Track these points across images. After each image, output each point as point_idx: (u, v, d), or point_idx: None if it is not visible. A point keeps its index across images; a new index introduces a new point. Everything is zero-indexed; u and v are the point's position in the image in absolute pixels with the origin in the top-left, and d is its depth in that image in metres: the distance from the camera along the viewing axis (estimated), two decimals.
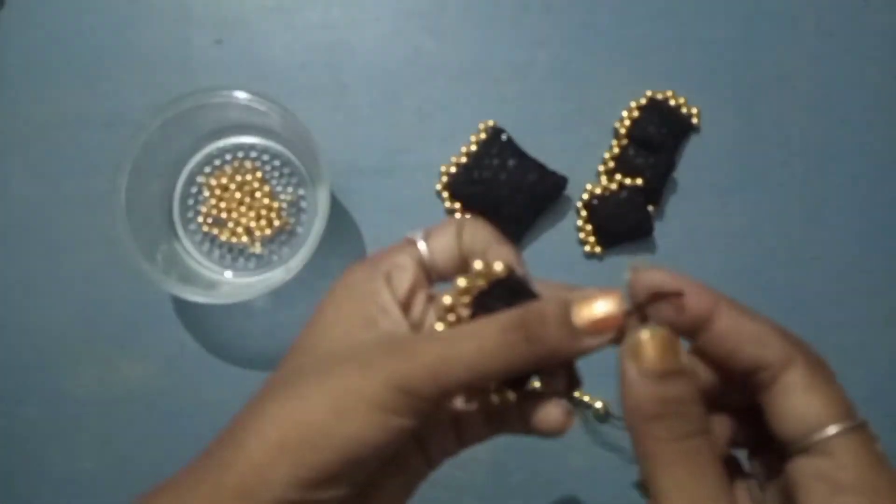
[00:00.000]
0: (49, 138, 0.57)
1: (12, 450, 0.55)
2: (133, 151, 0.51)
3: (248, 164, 0.56)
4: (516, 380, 0.28)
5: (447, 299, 0.29)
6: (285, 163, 0.56)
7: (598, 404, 0.54)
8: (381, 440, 0.26)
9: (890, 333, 0.56)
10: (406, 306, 0.30)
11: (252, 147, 0.56)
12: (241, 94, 0.51)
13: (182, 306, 0.55)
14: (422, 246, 0.31)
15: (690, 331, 0.27)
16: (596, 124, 0.56)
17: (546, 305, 0.26)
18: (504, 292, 0.28)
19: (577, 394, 0.54)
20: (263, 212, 0.55)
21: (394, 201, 0.56)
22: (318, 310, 0.30)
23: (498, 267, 0.29)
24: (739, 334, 0.27)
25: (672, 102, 0.56)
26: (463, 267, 0.31)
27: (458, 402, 0.30)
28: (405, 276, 0.30)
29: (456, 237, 0.31)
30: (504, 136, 0.55)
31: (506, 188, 0.54)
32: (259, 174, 0.56)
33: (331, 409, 0.26)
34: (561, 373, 0.30)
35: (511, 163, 0.54)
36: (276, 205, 0.55)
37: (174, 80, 0.57)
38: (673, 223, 0.56)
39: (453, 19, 0.57)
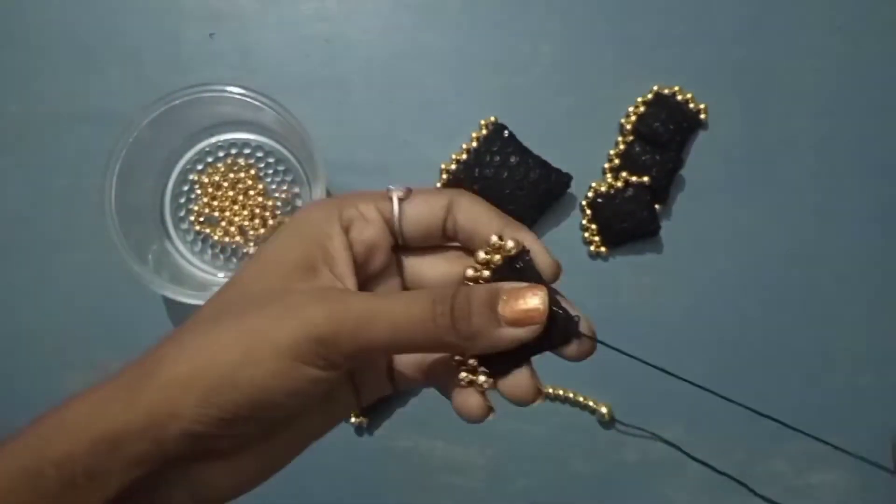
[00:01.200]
0: (39, 135, 0.56)
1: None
2: (122, 149, 0.49)
3: (241, 162, 0.55)
4: (493, 363, 0.28)
5: (470, 271, 0.28)
6: (280, 160, 0.55)
7: (604, 409, 0.53)
8: (290, 388, 0.25)
9: None
10: (363, 260, 0.29)
11: (246, 143, 0.55)
12: (234, 90, 0.49)
13: (174, 307, 0.55)
14: (396, 206, 0.29)
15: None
16: (601, 120, 0.55)
17: (477, 288, 0.26)
18: (515, 271, 0.28)
19: (581, 398, 0.53)
20: (257, 210, 0.54)
21: None
22: (263, 245, 0.29)
23: (510, 244, 0.27)
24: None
25: (679, 98, 0.55)
26: (438, 241, 0.30)
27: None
28: (367, 230, 0.29)
29: (442, 210, 0.29)
30: (506, 132, 0.53)
31: (508, 186, 0.52)
32: (253, 171, 0.54)
33: (241, 352, 0.25)
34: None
35: (513, 160, 0.53)
36: (270, 203, 0.54)
37: (166, 75, 0.56)
38: (680, 222, 0.55)
39: (454, 11, 0.56)
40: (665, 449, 0.54)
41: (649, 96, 0.55)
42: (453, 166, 0.54)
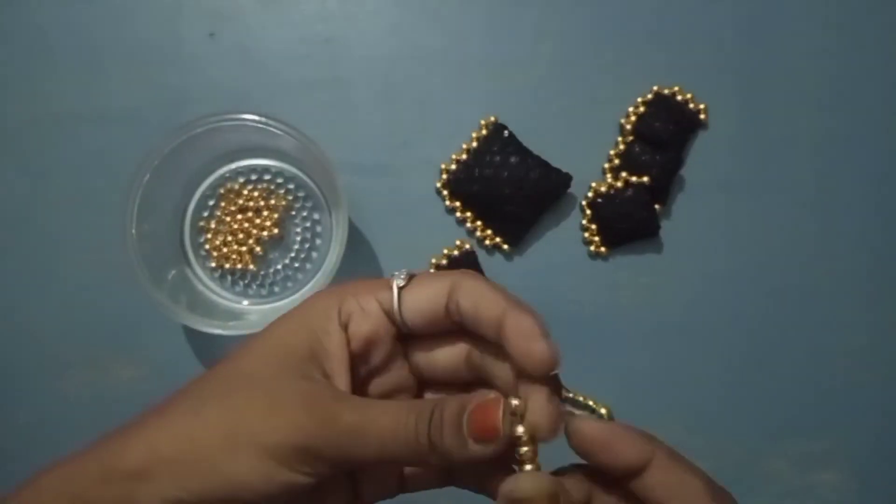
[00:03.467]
0: (41, 135, 0.56)
1: (3, 453, 0.54)
2: (142, 178, 0.48)
3: (261, 187, 0.54)
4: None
5: (515, 401, 0.26)
6: (300, 185, 0.54)
7: (603, 410, 0.53)
8: (267, 491, 0.25)
9: None
10: (362, 355, 0.29)
11: (266, 170, 0.54)
12: (254, 118, 0.48)
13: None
14: (395, 295, 0.29)
15: (620, 477, 0.26)
16: (601, 120, 0.55)
17: (448, 405, 0.26)
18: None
19: (581, 398, 0.53)
20: (277, 236, 0.54)
21: (393, 200, 0.55)
22: (270, 324, 0.29)
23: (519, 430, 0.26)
24: (669, 489, 0.26)
25: (679, 98, 0.55)
26: (443, 327, 0.29)
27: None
28: (366, 324, 0.28)
29: (444, 294, 0.28)
30: (506, 132, 0.53)
31: (508, 186, 0.52)
32: (273, 199, 0.54)
33: (224, 441, 0.25)
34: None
35: (513, 160, 0.53)
36: (290, 229, 0.54)
37: (168, 75, 0.56)
38: (680, 222, 0.55)
39: (454, 12, 0.56)
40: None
41: (649, 96, 0.55)
42: (453, 166, 0.54)
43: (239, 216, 0.54)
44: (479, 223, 0.54)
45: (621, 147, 0.54)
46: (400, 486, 0.30)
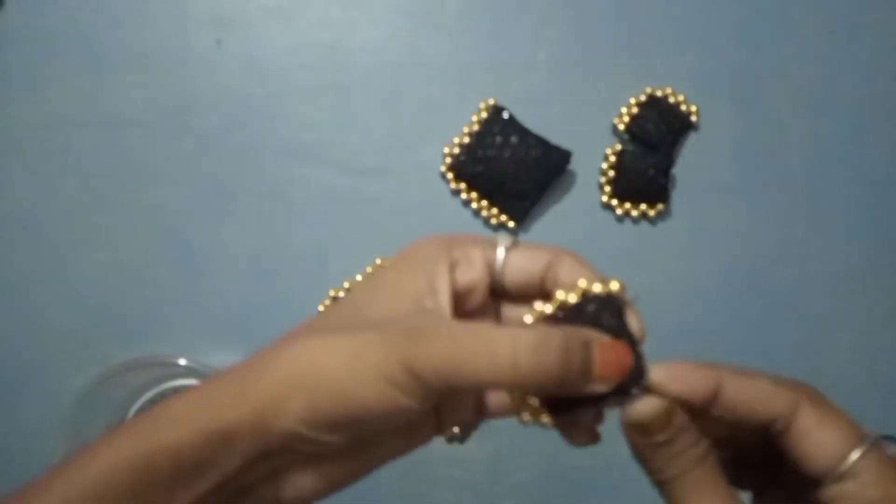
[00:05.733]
0: (48, 139, 0.57)
1: (12, 448, 0.55)
2: (70, 417, 0.51)
3: None
4: (555, 401, 0.28)
5: (538, 304, 0.28)
6: None
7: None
8: (386, 411, 0.26)
9: (890, 333, 0.56)
10: (460, 300, 0.30)
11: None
12: (183, 362, 0.51)
13: (178, 307, 0.56)
14: (500, 254, 0.30)
15: (701, 409, 0.28)
16: (596, 121, 0.57)
17: (574, 339, 0.26)
18: (596, 313, 0.28)
19: None
20: None
21: (394, 201, 0.56)
22: (377, 270, 0.31)
23: (614, 286, 0.28)
24: (746, 398, 0.29)
25: (672, 99, 0.56)
26: (535, 294, 0.30)
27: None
28: (470, 272, 0.30)
29: (543, 264, 0.30)
30: (505, 114, 0.55)
31: (510, 165, 0.54)
32: None
33: (348, 368, 0.26)
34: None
35: (514, 140, 0.54)
36: None
37: (174, 80, 0.57)
38: (672, 221, 0.56)
39: (453, 19, 0.57)
40: None
41: (642, 98, 0.56)
42: (456, 150, 0.55)
43: None
44: (484, 203, 0.55)
45: (617, 147, 0.56)
46: (478, 415, 0.32)
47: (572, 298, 0.28)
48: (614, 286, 0.28)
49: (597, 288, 0.28)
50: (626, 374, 0.26)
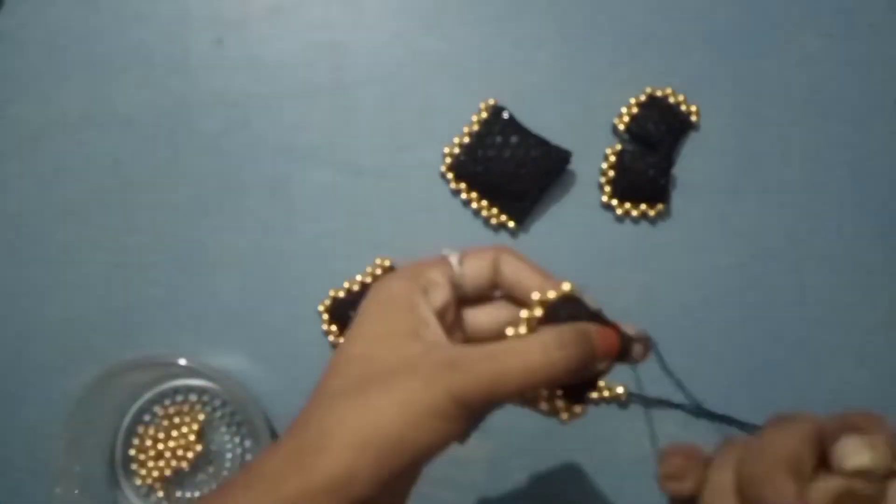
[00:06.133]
0: (49, 139, 0.57)
1: (11, 448, 0.55)
2: (70, 418, 0.51)
3: (196, 409, 0.55)
4: (571, 389, 0.33)
5: (524, 312, 0.32)
6: (237, 410, 0.55)
7: (620, 389, 0.54)
8: (441, 445, 0.30)
9: (892, 333, 0.56)
10: (441, 320, 0.33)
11: (204, 391, 0.55)
12: (182, 361, 0.51)
13: (178, 307, 0.56)
14: (456, 267, 0.35)
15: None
16: (595, 121, 0.57)
17: (581, 332, 0.31)
18: (569, 308, 0.32)
19: (601, 382, 0.54)
20: (211, 469, 0.54)
21: (395, 201, 0.56)
22: (359, 321, 0.33)
23: (566, 286, 0.33)
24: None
25: (672, 99, 0.56)
26: (488, 292, 0.35)
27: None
28: (440, 292, 0.34)
29: (490, 266, 0.35)
30: (505, 114, 0.55)
31: (510, 165, 0.54)
32: (202, 416, 0.54)
33: (403, 420, 0.29)
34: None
35: (514, 140, 0.54)
36: (220, 455, 0.54)
37: (175, 81, 0.57)
38: (672, 221, 0.56)
39: (453, 19, 0.58)
40: (660, 443, 0.54)
41: (642, 98, 0.56)
42: (456, 150, 0.55)
43: (171, 442, 0.54)
44: (484, 203, 0.55)
45: (618, 146, 0.56)
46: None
47: (538, 311, 0.32)
48: (567, 286, 0.33)
49: (566, 287, 0.33)
50: (617, 349, 0.32)
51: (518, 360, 0.30)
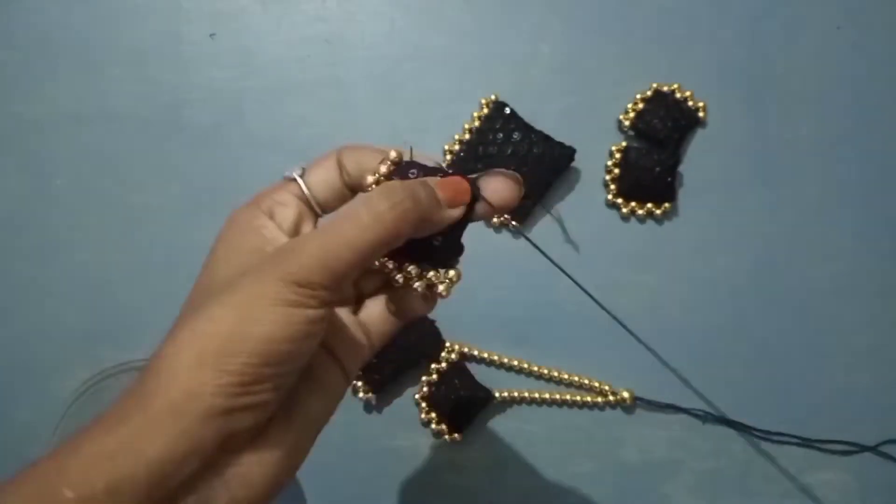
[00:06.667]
0: (42, 135, 0.56)
1: (4, 451, 0.54)
2: (60, 421, 0.50)
3: None
4: (413, 256, 0.32)
5: (370, 178, 0.32)
6: None
7: (626, 394, 0.53)
8: (291, 333, 0.27)
9: None
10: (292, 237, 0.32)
11: None
12: None
13: (171, 308, 0.54)
14: (300, 181, 0.33)
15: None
16: (600, 117, 0.56)
17: (412, 182, 0.31)
18: (407, 169, 0.32)
19: (596, 383, 0.53)
20: None
21: None
22: (210, 252, 0.32)
23: (392, 154, 0.32)
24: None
25: (678, 95, 0.55)
26: (346, 197, 0.33)
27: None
28: (288, 212, 0.32)
29: (335, 167, 0.33)
30: (508, 110, 0.54)
31: (512, 162, 0.53)
32: None
33: (237, 317, 0.27)
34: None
35: (516, 136, 0.53)
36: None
37: (168, 75, 0.56)
38: (679, 220, 0.55)
39: (453, 12, 0.56)
40: (665, 448, 0.54)
41: (648, 93, 0.55)
42: (456, 146, 0.54)
43: None
44: None
45: (622, 143, 0.55)
46: (369, 344, 0.34)
47: (384, 167, 0.32)
48: (393, 153, 0.32)
49: (392, 154, 0.32)
50: (468, 193, 0.32)
51: (346, 225, 0.28)
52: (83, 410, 0.50)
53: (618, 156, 0.54)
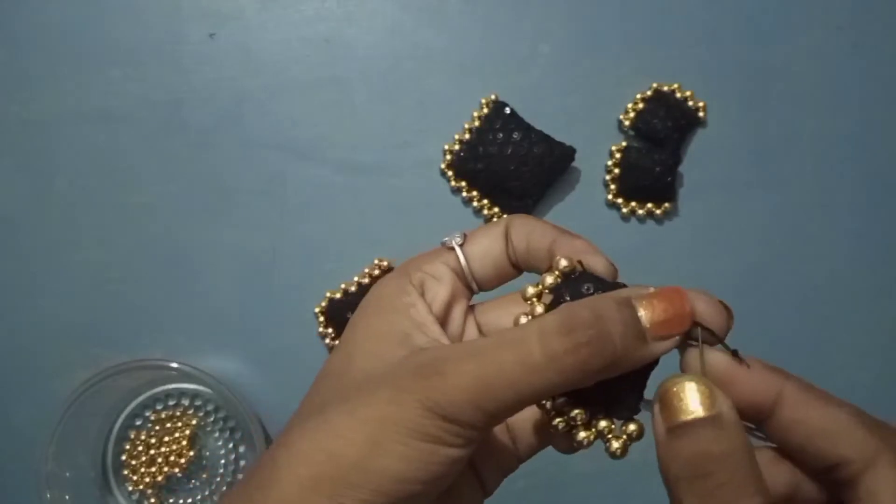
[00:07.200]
0: (40, 135, 0.56)
1: (1, 454, 0.54)
2: (59, 425, 0.50)
3: (189, 413, 0.54)
4: (610, 396, 0.24)
5: (531, 290, 0.24)
6: (231, 414, 0.53)
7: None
8: (426, 473, 0.23)
9: None
10: (443, 321, 0.27)
11: (197, 395, 0.54)
12: (174, 365, 0.50)
13: (170, 308, 0.54)
14: (458, 252, 0.28)
15: (750, 417, 0.24)
16: (600, 117, 0.56)
17: (604, 303, 0.22)
18: (581, 284, 0.24)
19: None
20: (204, 475, 0.53)
21: (393, 199, 0.55)
22: (349, 328, 0.27)
23: (563, 263, 0.25)
24: (809, 425, 0.23)
25: (678, 95, 0.55)
26: (509, 274, 0.28)
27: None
28: (441, 288, 0.27)
29: (501, 238, 0.28)
30: (508, 109, 0.54)
31: (512, 161, 0.53)
32: (194, 421, 0.53)
33: (364, 441, 0.23)
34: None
35: (516, 135, 0.53)
36: (214, 460, 0.53)
37: (167, 75, 0.56)
38: (679, 220, 0.55)
39: (453, 12, 0.56)
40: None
41: (648, 93, 0.55)
42: (456, 146, 0.54)
43: (163, 447, 0.53)
44: (485, 202, 0.54)
45: (623, 143, 0.55)
46: (517, 458, 0.28)
47: (551, 278, 0.24)
48: (565, 263, 0.25)
49: (566, 264, 0.25)
50: (690, 319, 0.22)
51: (510, 358, 0.22)
52: (83, 410, 0.50)
53: (618, 156, 0.54)
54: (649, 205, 0.54)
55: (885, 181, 0.56)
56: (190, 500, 0.53)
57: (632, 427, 0.23)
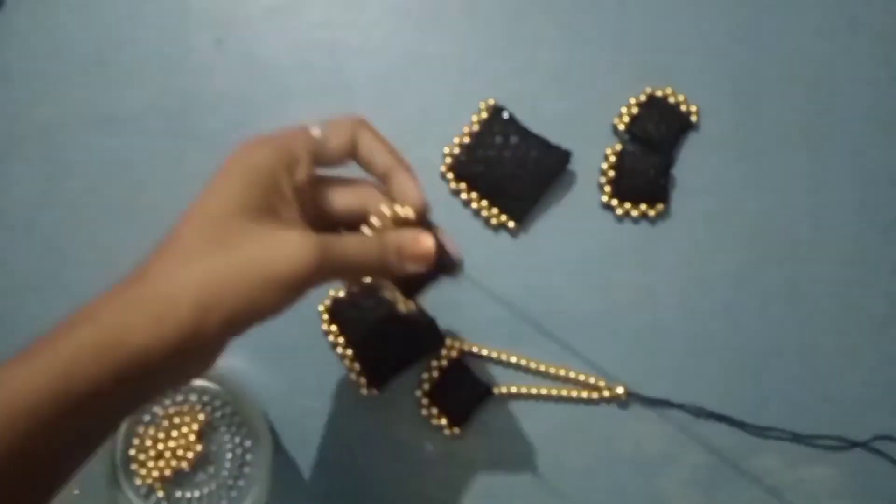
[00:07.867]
0: (48, 139, 0.57)
1: None
2: None
3: (197, 409, 0.54)
4: (409, 288, 0.41)
5: (375, 221, 0.38)
6: (237, 410, 0.54)
7: (620, 389, 0.54)
8: (281, 311, 0.33)
9: (891, 332, 0.56)
10: (298, 195, 0.36)
11: (204, 391, 0.54)
12: None
13: None
14: (321, 140, 0.37)
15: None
16: (595, 121, 0.57)
17: (394, 241, 0.37)
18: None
19: (592, 379, 0.54)
20: (211, 469, 0.54)
21: None
22: (221, 180, 0.35)
23: (408, 213, 0.39)
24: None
25: (672, 99, 0.56)
26: (346, 162, 0.39)
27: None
28: (302, 169, 0.36)
29: (349, 140, 0.38)
30: (505, 114, 0.55)
31: (510, 165, 0.54)
32: (202, 416, 0.54)
33: (251, 284, 0.31)
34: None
35: (514, 140, 0.54)
36: (220, 455, 0.54)
37: (175, 81, 0.57)
38: (672, 221, 0.56)
39: (453, 18, 0.58)
40: (659, 443, 0.55)
41: (642, 98, 0.56)
42: (456, 150, 0.55)
43: (170, 442, 0.53)
44: (484, 203, 0.55)
45: (617, 147, 0.56)
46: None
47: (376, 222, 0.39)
48: (407, 210, 0.39)
49: (405, 211, 0.39)
50: (431, 257, 0.38)
51: (359, 253, 0.36)
52: None
53: (613, 159, 0.56)
54: (643, 206, 0.56)
55: (876, 184, 0.56)
56: (197, 493, 0.54)
57: (410, 304, 0.41)
